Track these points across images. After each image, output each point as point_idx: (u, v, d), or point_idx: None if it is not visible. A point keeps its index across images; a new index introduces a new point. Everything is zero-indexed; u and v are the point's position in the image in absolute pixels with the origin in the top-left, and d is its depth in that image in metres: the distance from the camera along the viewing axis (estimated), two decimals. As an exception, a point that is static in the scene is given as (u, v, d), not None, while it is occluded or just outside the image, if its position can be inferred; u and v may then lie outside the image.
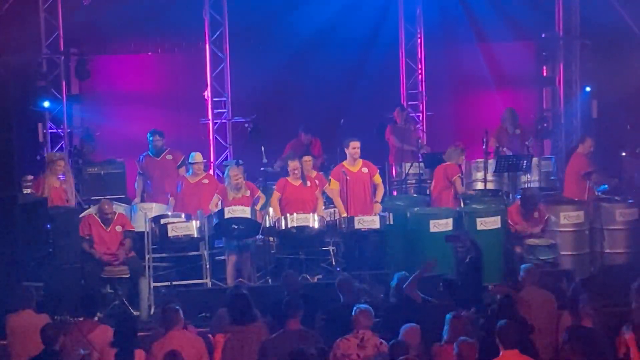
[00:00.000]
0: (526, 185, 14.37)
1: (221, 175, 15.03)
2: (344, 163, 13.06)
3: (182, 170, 13.61)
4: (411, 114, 16.60)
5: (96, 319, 9.56)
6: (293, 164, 12.76)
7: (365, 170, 12.99)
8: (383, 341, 8.73)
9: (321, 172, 13.95)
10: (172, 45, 16.44)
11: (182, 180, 13.14)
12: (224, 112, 16.15)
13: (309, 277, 12.39)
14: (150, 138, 13.87)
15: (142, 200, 13.66)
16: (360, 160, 13.04)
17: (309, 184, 12.77)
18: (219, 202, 12.64)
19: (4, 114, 10.23)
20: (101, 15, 15.41)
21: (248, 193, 12.66)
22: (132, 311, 11.78)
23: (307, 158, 13.23)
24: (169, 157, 13.90)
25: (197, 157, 13.19)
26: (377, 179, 13.11)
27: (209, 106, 16.08)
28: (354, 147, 12.95)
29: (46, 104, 15.35)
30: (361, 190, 12.90)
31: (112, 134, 16.00)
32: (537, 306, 9.83)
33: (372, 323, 8.84)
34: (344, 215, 12.66)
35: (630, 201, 13.15)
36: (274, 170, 14.40)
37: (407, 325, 8.85)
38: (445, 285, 11.12)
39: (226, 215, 12.23)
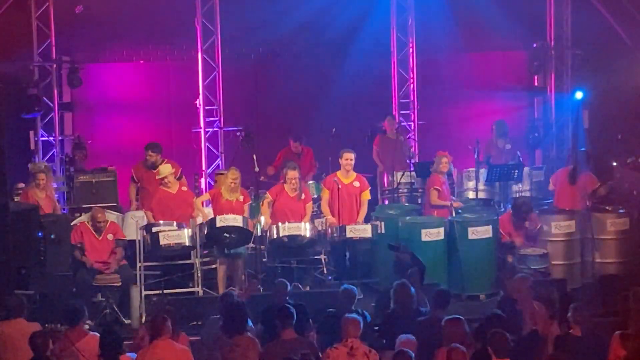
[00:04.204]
0: (517, 195, 14.41)
1: (213, 184, 15.03)
2: (337, 173, 12.98)
3: (183, 182, 13.47)
4: (403, 123, 16.65)
5: (86, 327, 9.54)
6: (292, 173, 12.69)
7: (356, 184, 12.92)
8: (372, 349, 8.76)
9: (312, 181, 14.02)
10: (164, 53, 16.45)
11: (162, 194, 12.82)
12: (216, 120, 16.15)
13: (300, 286, 12.40)
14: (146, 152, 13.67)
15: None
16: (355, 173, 12.97)
17: (303, 196, 12.75)
18: (207, 201, 12.66)
19: (-4, 121, 10.21)
20: (93, 24, 15.46)
21: (242, 198, 12.66)
22: (124, 320, 11.78)
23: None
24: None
25: (164, 170, 12.79)
26: (365, 195, 12.97)
27: (201, 114, 16.07)
28: (346, 158, 12.88)
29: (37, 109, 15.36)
30: (350, 203, 12.84)
31: (104, 142, 16.02)
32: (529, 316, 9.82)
33: (360, 332, 8.84)
34: (329, 218, 12.67)
35: (621, 211, 13.16)
36: (267, 174, 14.42)
37: (403, 337, 8.85)
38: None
39: (218, 224, 12.22)
